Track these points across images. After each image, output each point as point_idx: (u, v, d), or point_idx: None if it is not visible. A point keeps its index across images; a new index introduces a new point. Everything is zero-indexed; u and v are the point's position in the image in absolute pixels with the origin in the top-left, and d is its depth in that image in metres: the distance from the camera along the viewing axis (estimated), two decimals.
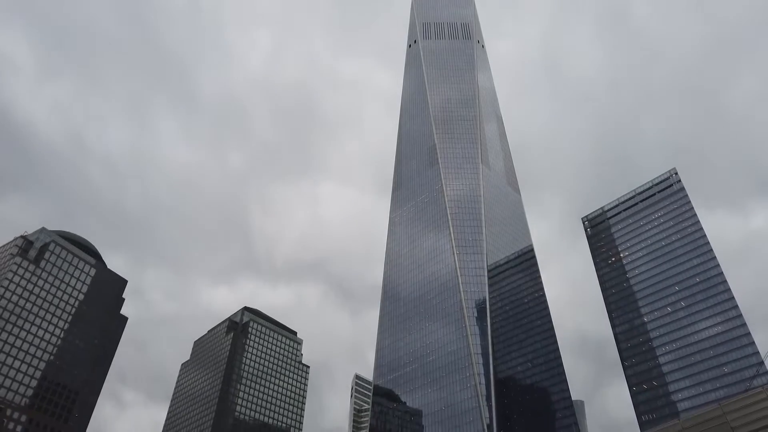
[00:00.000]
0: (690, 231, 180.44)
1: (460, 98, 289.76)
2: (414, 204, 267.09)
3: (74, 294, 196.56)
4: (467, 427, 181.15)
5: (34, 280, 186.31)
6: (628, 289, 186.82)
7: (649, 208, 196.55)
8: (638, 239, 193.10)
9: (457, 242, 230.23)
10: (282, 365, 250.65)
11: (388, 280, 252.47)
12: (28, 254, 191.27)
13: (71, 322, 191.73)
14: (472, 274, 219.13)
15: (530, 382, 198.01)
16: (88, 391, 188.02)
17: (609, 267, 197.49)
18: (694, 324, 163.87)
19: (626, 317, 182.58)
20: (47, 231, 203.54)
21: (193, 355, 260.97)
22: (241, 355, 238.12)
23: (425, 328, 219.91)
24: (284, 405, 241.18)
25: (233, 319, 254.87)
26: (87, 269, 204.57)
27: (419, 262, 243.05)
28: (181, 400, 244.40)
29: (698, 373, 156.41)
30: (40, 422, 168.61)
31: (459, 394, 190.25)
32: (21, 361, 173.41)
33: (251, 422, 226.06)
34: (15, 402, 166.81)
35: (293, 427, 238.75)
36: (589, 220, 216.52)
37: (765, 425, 66.62)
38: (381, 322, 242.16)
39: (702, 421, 73.00)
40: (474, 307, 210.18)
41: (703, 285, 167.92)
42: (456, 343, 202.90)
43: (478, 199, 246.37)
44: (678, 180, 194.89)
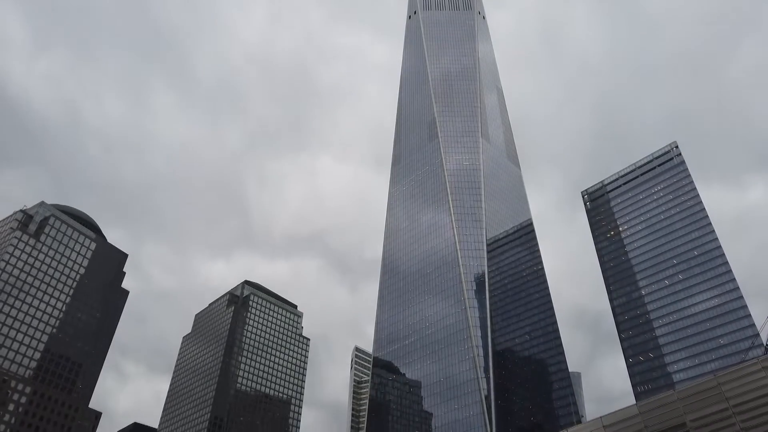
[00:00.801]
0: (689, 205, 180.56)
1: (460, 70, 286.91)
2: (414, 178, 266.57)
3: (75, 268, 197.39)
4: (465, 398, 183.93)
5: (35, 254, 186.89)
6: (626, 262, 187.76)
7: (649, 181, 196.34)
8: (637, 213, 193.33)
9: (456, 216, 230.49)
10: (282, 338, 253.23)
11: (388, 254, 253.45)
12: (28, 228, 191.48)
13: (73, 295, 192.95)
14: (471, 248, 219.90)
15: (528, 354, 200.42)
16: (91, 363, 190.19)
17: (608, 241, 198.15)
18: (692, 297, 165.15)
19: (624, 290, 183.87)
20: (46, 205, 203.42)
21: (195, 328, 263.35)
22: (242, 328, 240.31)
23: (424, 301, 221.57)
24: (285, 377, 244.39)
25: (234, 293, 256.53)
26: (87, 243, 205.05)
27: (419, 236, 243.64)
28: (183, 373, 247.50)
29: (694, 345, 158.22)
30: (45, 393, 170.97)
31: (457, 366, 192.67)
32: (24, 333, 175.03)
33: (253, 393, 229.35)
34: (19, 374, 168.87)
35: (294, 399, 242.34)
36: (589, 194, 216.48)
37: (759, 396, 67.65)
38: (380, 296, 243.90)
39: (697, 392, 74.09)
40: (473, 280, 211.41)
41: (701, 258, 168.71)
42: (455, 316, 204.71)
43: (477, 173, 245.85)
44: (678, 153, 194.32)
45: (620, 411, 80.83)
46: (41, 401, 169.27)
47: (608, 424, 79.35)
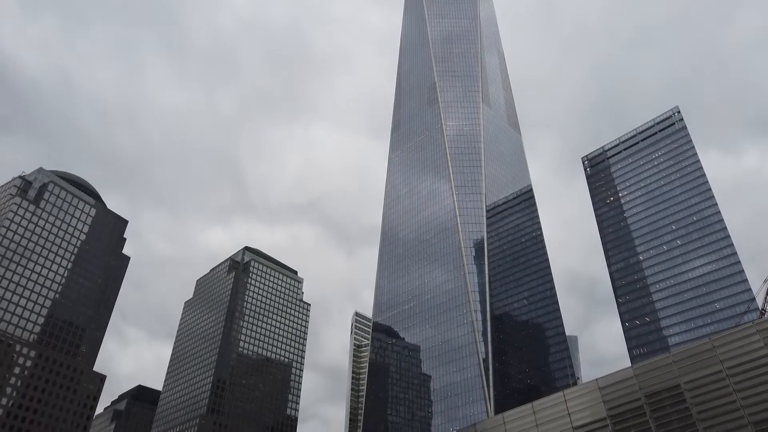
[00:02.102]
0: (689, 170, 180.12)
1: (461, 32, 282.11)
2: (413, 144, 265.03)
3: (75, 234, 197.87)
4: (464, 361, 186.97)
5: (35, 221, 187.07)
6: (625, 228, 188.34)
7: (649, 147, 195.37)
8: (637, 179, 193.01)
9: (456, 183, 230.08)
10: (283, 303, 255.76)
11: (387, 221, 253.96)
12: (28, 194, 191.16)
13: (74, 261, 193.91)
14: (470, 214, 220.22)
15: (526, 319, 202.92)
16: (94, 328, 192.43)
17: (607, 206, 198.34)
18: (689, 262, 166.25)
19: (622, 256, 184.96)
20: (45, 171, 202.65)
21: (196, 293, 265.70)
22: (243, 293, 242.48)
23: (424, 267, 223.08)
24: (286, 341, 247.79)
25: (234, 259, 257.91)
26: (87, 209, 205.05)
27: (418, 202, 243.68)
28: (185, 337, 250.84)
29: (690, 309, 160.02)
30: (49, 357, 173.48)
31: (456, 330, 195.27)
32: (27, 299, 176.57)
33: (254, 357, 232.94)
34: (23, 338, 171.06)
35: (295, 362, 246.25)
36: (589, 159, 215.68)
37: (753, 358, 68.90)
38: (380, 262, 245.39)
39: (692, 355, 75.42)
40: (472, 246, 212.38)
41: (699, 224, 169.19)
42: (454, 281, 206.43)
43: (477, 139, 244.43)
44: (680, 118, 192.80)
45: (616, 373, 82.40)
46: (46, 365, 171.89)
47: (604, 386, 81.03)
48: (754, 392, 66.97)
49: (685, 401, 71.87)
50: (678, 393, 72.92)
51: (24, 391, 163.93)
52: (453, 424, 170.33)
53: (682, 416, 71.26)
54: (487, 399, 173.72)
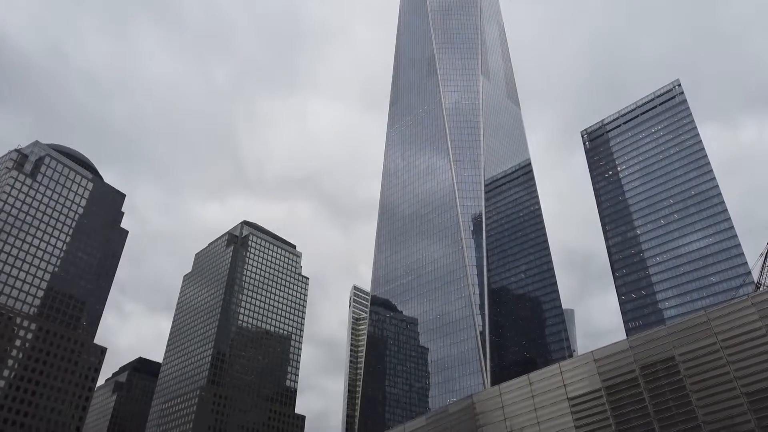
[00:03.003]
0: (689, 144, 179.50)
1: (460, 3, 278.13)
2: (411, 118, 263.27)
3: (73, 208, 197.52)
4: (461, 334, 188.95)
5: (32, 194, 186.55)
6: (623, 202, 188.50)
7: (649, 120, 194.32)
8: (636, 152, 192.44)
9: (454, 157, 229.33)
10: (282, 277, 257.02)
11: (385, 196, 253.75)
12: (24, 168, 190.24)
13: (72, 235, 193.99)
14: (468, 188, 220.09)
15: (523, 292, 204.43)
16: (94, 301, 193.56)
17: (606, 180, 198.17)
18: (686, 236, 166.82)
19: (620, 230, 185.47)
20: (41, 144, 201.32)
21: (195, 267, 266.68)
22: (242, 267, 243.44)
23: (422, 241, 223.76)
24: (285, 314, 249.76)
25: (233, 233, 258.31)
26: (84, 183, 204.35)
27: (416, 177, 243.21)
28: (184, 310, 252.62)
29: (686, 283, 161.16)
30: (50, 330, 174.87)
31: (453, 304, 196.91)
32: (26, 272, 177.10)
33: (254, 330, 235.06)
34: (24, 311, 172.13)
35: (294, 335, 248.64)
36: (588, 133, 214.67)
37: (747, 331, 69.57)
38: (378, 236, 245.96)
39: (687, 327, 76.10)
40: (470, 221, 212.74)
41: (697, 198, 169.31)
42: (451, 255, 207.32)
43: (476, 113, 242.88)
44: (681, 92, 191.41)
45: (611, 345, 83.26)
46: (47, 337, 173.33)
47: (599, 358, 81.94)
48: (748, 364, 67.78)
49: (679, 373, 72.78)
50: (672, 365, 73.78)
51: (25, 364, 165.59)
52: (450, 396, 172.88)
53: (676, 387, 72.23)
54: (484, 371, 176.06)
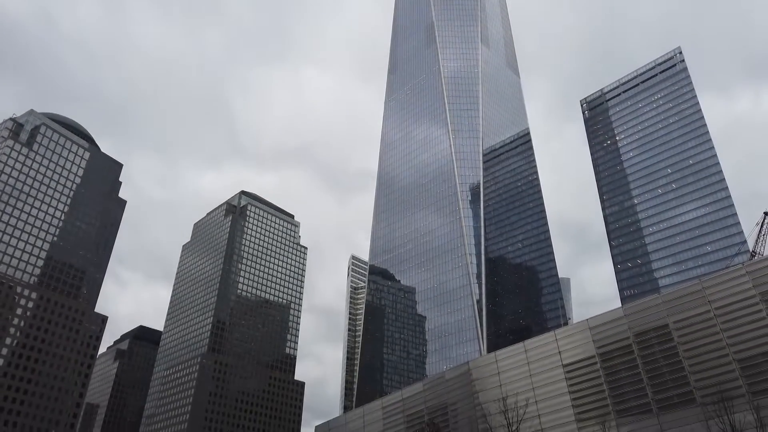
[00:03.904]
0: (688, 113, 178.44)
1: None
2: (410, 87, 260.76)
3: (70, 177, 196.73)
4: (458, 303, 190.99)
5: (28, 163, 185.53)
6: (621, 171, 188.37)
7: (649, 89, 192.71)
8: (635, 121, 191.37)
9: (453, 127, 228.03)
10: (280, 246, 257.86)
11: (383, 166, 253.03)
12: (20, 137, 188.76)
13: (70, 204, 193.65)
14: (467, 158, 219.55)
15: (520, 262, 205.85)
16: (94, 270, 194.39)
17: (604, 150, 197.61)
18: (683, 205, 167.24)
19: (617, 199, 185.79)
20: (36, 113, 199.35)
21: (194, 236, 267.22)
22: (241, 237, 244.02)
23: (420, 211, 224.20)
24: (284, 283, 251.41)
25: (231, 203, 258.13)
26: (81, 152, 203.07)
27: (415, 147, 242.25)
28: (184, 280, 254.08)
29: (682, 252, 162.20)
30: (51, 299, 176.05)
31: (451, 273, 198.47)
32: (25, 242, 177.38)
33: (253, 299, 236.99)
34: (24, 280, 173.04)
35: (293, 304, 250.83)
36: (588, 102, 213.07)
37: (741, 299, 70.56)
38: (376, 206, 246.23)
39: (681, 296, 77.12)
40: (468, 191, 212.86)
41: (695, 168, 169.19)
42: (449, 225, 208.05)
43: (475, 82, 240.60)
44: (681, 60, 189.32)
45: (606, 313, 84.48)
46: (48, 306, 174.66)
47: (594, 326, 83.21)
48: (741, 331, 68.95)
49: (672, 340, 74.04)
50: (666, 332, 75.02)
51: (27, 332, 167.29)
52: (447, 363, 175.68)
53: (669, 354, 73.59)
54: (480, 339, 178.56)
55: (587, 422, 75.76)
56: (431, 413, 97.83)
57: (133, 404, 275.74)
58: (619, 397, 75.50)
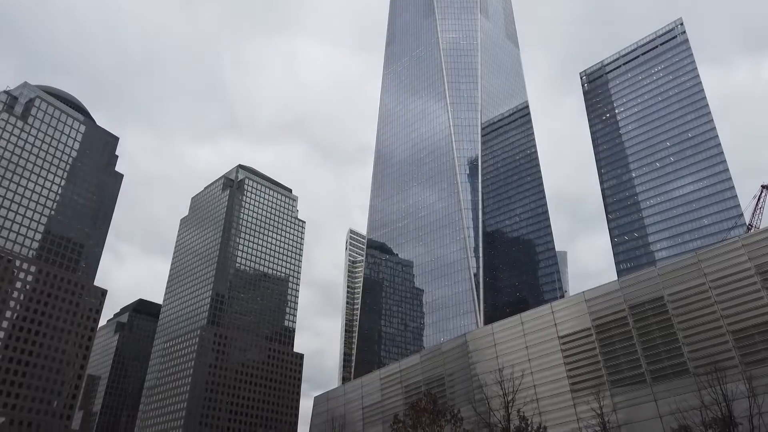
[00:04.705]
0: (688, 86, 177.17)
1: None
2: (408, 59, 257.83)
3: (66, 151, 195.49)
4: (455, 276, 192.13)
5: (24, 137, 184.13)
6: (619, 145, 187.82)
7: (649, 61, 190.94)
8: (635, 94, 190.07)
9: (451, 99, 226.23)
10: (278, 220, 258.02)
11: (381, 139, 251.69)
12: (14, 110, 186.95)
13: (67, 178, 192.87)
14: (465, 131, 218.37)
15: (517, 235, 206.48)
16: (92, 244, 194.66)
17: (603, 123, 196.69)
18: (681, 179, 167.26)
19: (615, 173, 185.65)
20: (30, 86, 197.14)
21: (191, 210, 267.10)
22: (239, 211, 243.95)
23: (418, 185, 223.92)
24: (282, 257, 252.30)
25: (228, 177, 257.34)
26: (76, 126, 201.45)
27: (413, 120, 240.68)
28: (182, 254, 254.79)
29: (679, 225, 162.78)
30: (50, 272, 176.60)
31: (448, 247, 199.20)
32: (23, 215, 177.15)
33: (252, 272, 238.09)
34: (22, 254, 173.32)
35: (291, 277, 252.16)
36: (588, 74, 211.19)
37: (737, 271, 70.97)
38: (374, 180, 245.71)
39: (677, 268, 77.54)
40: (466, 164, 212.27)
41: (693, 141, 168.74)
42: (447, 199, 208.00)
43: (475, 52, 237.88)
44: (683, 31, 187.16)
45: (602, 286, 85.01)
46: (47, 280, 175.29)
47: (590, 298, 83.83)
48: (735, 303, 69.50)
49: (667, 312, 74.67)
50: (661, 304, 75.59)
51: (27, 305, 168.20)
52: (443, 335, 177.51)
53: (664, 326, 74.28)
54: (477, 311, 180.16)
55: (581, 392, 76.89)
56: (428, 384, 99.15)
57: (134, 376, 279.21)
58: (614, 368, 76.52)
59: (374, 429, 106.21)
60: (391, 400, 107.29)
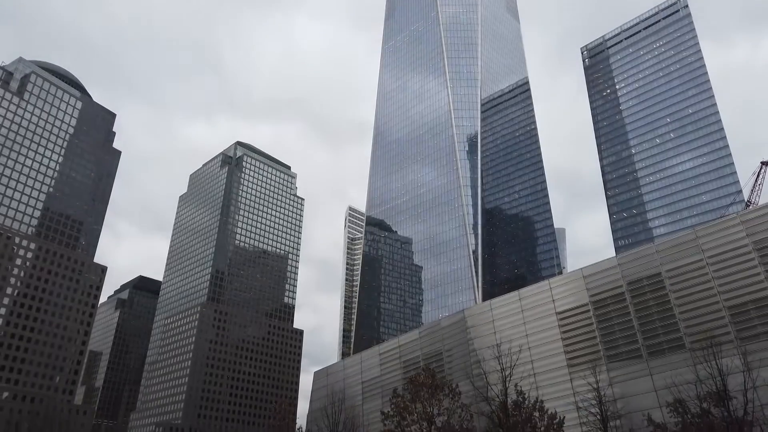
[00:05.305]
0: (690, 61, 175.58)
1: None
2: (407, 34, 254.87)
3: (63, 127, 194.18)
4: (454, 253, 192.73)
5: (20, 113, 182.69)
6: (619, 121, 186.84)
7: (651, 36, 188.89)
8: (636, 69, 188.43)
9: (451, 75, 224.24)
10: (277, 197, 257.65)
11: (380, 116, 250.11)
12: (10, 86, 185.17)
13: (65, 155, 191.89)
14: (465, 108, 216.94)
15: (516, 212, 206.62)
16: (91, 221, 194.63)
17: (603, 99, 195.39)
18: (680, 155, 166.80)
19: (615, 149, 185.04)
20: (26, 61, 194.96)
21: (190, 188, 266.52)
22: (237, 188, 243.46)
23: (417, 162, 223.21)
24: (281, 234, 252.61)
25: (227, 154, 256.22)
26: (73, 102, 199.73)
27: (412, 96, 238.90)
28: (182, 231, 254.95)
29: (678, 201, 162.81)
30: (49, 249, 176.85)
31: (447, 224, 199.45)
32: (21, 192, 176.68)
33: (251, 249, 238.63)
34: (22, 231, 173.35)
35: (291, 254, 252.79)
36: (589, 50, 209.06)
37: (734, 247, 71.27)
38: (373, 157, 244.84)
39: (675, 245, 77.84)
40: (465, 141, 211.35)
41: (694, 117, 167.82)
42: (446, 176, 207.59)
43: (475, 26, 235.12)
44: (685, 5, 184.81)
45: (600, 262, 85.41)
46: (47, 257, 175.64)
47: (588, 275, 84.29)
48: (732, 279, 69.96)
49: (664, 288, 75.18)
50: (658, 280, 76.08)
51: (28, 282, 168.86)
52: (442, 311, 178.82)
53: (661, 302, 74.87)
54: (476, 288, 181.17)
55: (578, 367, 77.78)
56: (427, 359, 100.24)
57: (135, 352, 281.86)
58: (610, 343, 77.31)
59: (373, 403, 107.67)
60: (390, 375, 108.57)
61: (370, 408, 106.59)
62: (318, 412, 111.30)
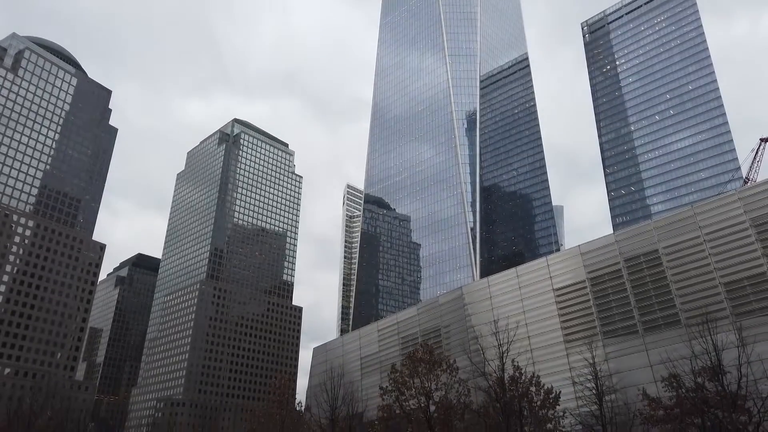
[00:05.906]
0: (691, 36, 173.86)
1: None
2: (406, 9, 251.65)
3: (59, 104, 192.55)
4: (452, 230, 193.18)
5: (15, 89, 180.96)
6: (619, 97, 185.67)
7: (652, 11, 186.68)
8: (637, 45, 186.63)
9: (450, 51, 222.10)
10: (275, 175, 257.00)
11: (378, 93, 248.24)
12: (4, 62, 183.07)
13: (61, 132, 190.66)
14: (464, 84, 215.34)
15: (514, 189, 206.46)
16: (90, 199, 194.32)
17: (603, 75, 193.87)
18: (679, 132, 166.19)
19: (614, 126, 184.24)
20: (19, 37, 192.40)
21: (188, 165, 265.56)
22: (235, 165, 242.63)
23: (415, 140, 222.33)
24: (280, 212, 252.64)
25: (224, 131, 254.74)
26: (68, 78, 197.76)
27: (410, 73, 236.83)
28: (180, 209, 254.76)
29: (676, 178, 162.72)
30: (48, 227, 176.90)
31: (445, 201, 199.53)
32: (18, 170, 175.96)
33: (250, 227, 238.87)
34: (20, 209, 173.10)
35: (289, 232, 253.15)
36: (589, 25, 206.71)
37: (732, 224, 71.44)
38: (371, 134, 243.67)
39: (673, 222, 78.01)
40: (464, 118, 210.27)
41: (694, 93, 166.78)
42: (445, 153, 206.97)
43: (474, 1, 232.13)
44: None
45: (598, 239, 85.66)
46: (45, 234, 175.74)
47: (585, 252, 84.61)
48: (729, 256, 70.27)
49: (661, 264, 75.53)
50: (656, 257, 76.39)
51: (27, 259, 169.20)
52: (440, 288, 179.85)
53: (657, 278, 75.28)
54: (474, 265, 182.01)
55: (574, 343, 78.52)
56: (425, 335, 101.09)
57: (135, 328, 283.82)
58: (607, 319, 77.96)
59: (372, 378, 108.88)
60: (388, 350, 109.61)
61: (369, 383, 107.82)
62: (317, 387, 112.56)
